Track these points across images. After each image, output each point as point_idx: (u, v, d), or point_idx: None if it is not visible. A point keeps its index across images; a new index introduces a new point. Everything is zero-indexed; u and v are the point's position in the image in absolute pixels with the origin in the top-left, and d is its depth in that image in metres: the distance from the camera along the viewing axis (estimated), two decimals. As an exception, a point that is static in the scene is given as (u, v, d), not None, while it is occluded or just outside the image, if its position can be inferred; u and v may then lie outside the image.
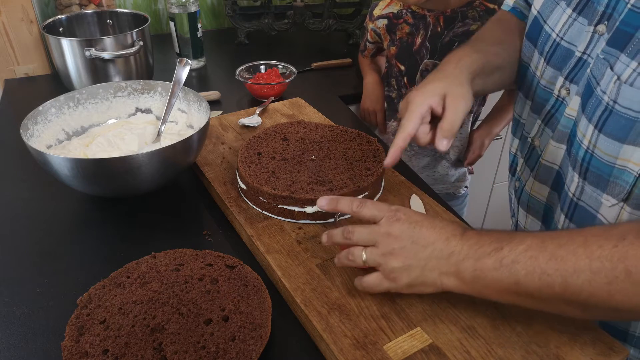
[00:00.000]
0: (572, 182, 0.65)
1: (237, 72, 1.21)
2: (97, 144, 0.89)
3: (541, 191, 0.75)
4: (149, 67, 1.25)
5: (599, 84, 0.58)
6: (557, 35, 0.66)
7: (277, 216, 0.78)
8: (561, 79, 0.66)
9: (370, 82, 1.29)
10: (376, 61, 1.34)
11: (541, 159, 0.72)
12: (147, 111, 0.98)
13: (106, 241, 0.78)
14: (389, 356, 0.57)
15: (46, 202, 0.86)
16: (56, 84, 1.26)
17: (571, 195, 0.66)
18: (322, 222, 0.77)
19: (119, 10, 1.32)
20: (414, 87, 1.17)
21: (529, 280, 0.50)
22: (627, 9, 0.56)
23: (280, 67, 1.26)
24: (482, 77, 0.72)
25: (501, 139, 1.62)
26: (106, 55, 1.12)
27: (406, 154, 1.25)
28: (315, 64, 1.43)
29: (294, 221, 0.77)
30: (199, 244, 0.77)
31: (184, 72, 0.93)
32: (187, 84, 0.94)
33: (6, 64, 1.29)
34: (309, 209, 0.76)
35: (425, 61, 1.15)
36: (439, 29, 1.12)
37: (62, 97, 0.90)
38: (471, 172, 1.33)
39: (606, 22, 0.60)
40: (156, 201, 0.86)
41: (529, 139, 0.75)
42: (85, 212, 0.85)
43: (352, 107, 1.29)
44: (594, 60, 0.60)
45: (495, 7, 1.12)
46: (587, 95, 0.60)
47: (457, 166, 1.29)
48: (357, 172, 0.81)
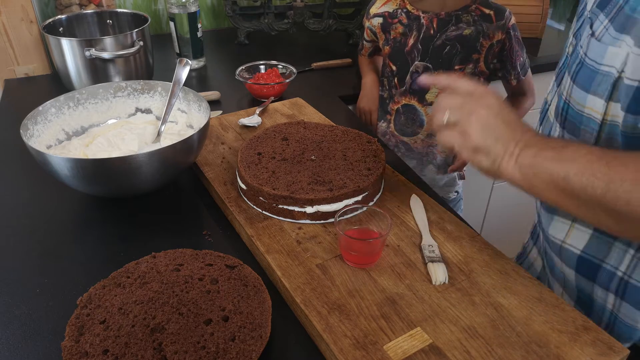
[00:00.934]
0: (555, 131, 0.70)
1: (237, 72, 1.21)
2: (97, 144, 0.89)
3: None
4: (149, 67, 1.25)
5: (580, 40, 0.64)
6: None
7: (277, 216, 0.78)
8: (572, 37, 0.72)
9: (368, 81, 1.29)
10: (374, 61, 1.34)
11: (548, 112, 0.76)
12: (147, 111, 0.98)
13: (106, 241, 0.78)
14: (389, 356, 0.57)
15: (46, 202, 0.86)
16: (56, 84, 1.26)
17: None
18: (322, 222, 0.77)
19: (119, 10, 1.32)
20: (401, 88, 1.18)
21: (577, 178, 0.53)
22: None
23: (280, 67, 1.26)
24: None
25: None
26: (106, 55, 1.12)
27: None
28: (315, 64, 1.44)
29: (294, 221, 0.77)
30: (199, 244, 0.77)
31: (184, 72, 0.93)
32: (187, 84, 0.94)
33: (6, 64, 1.29)
34: (309, 209, 0.76)
35: (415, 63, 1.14)
36: (432, 32, 1.12)
37: (62, 97, 0.90)
38: (462, 178, 1.32)
39: None
40: (156, 201, 0.86)
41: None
42: (85, 212, 0.85)
43: (352, 107, 1.29)
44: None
45: (491, 12, 1.11)
46: (574, 51, 0.66)
47: (445, 171, 1.28)
48: (357, 172, 0.81)
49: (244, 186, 0.81)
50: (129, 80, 0.98)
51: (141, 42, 1.17)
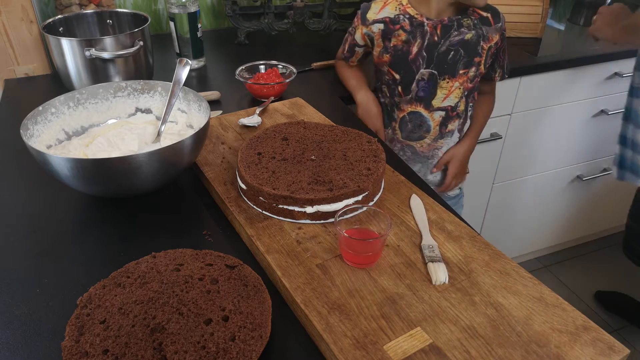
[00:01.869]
0: None
1: (237, 72, 1.21)
2: (97, 144, 0.89)
3: None
4: (149, 67, 1.25)
5: None
6: None
7: (277, 216, 0.78)
8: None
9: (364, 100, 1.23)
10: (362, 70, 1.29)
11: None
12: (147, 111, 0.98)
13: (106, 241, 0.78)
14: (389, 356, 0.57)
15: (46, 202, 0.86)
16: (56, 84, 1.26)
17: None
18: (322, 222, 0.77)
19: (119, 10, 1.32)
20: (407, 96, 1.17)
21: None
22: None
23: (280, 67, 1.26)
24: None
25: (501, 138, 1.62)
26: (106, 55, 1.12)
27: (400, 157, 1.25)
28: (315, 64, 1.43)
29: (294, 221, 0.77)
30: (199, 244, 0.77)
31: (184, 72, 0.93)
32: (187, 84, 0.94)
33: (6, 64, 1.29)
34: (309, 209, 0.76)
35: (421, 70, 1.14)
36: (436, 38, 1.11)
37: (62, 97, 0.90)
38: (467, 172, 1.33)
39: None
40: (156, 201, 0.86)
41: None
42: (85, 212, 0.85)
43: (352, 107, 1.29)
44: None
45: (488, 15, 1.12)
46: None
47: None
48: (357, 172, 0.81)
49: (244, 186, 0.81)
50: (129, 80, 0.98)
51: (141, 42, 1.17)
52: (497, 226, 1.86)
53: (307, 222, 0.77)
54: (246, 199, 0.81)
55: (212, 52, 1.53)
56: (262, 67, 1.26)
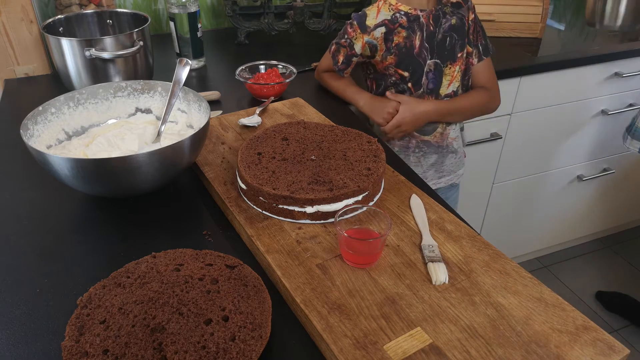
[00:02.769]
0: None
1: (237, 72, 1.21)
2: (97, 144, 0.89)
3: None
4: (149, 67, 1.25)
5: None
6: None
7: (277, 216, 0.78)
8: None
9: (367, 100, 1.20)
10: (352, 80, 1.27)
11: None
12: (147, 111, 0.98)
13: (106, 241, 0.78)
14: (389, 356, 0.57)
15: (46, 202, 0.86)
16: (56, 84, 1.26)
17: None
18: (322, 222, 0.77)
19: (119, 10, 1.32)
20: (418, 91, 1.17)
21: None
22: None
23: (280, 67, 1.26)
24: None
25: (501, 138, 1.62)
26: (106, 55, 1.12)
27: (415, 155, 1.25)
28: (315, 64, 1.43)
29: (294, 221, 0.77)
30: (199, 244, 0.77)
31: (184, 72, 0.93)
32: (187, 84, 0.94)
33: (6, 64, 1.29)
34: (309, 209, 0.76)
35: (428, 62, 1.15)
36: (432, 28, 1.14)
37: (62, 97, 0.90)
38: (464, 156, 1.35)
39: None
40: (156, 201, 0.86)
41: None
42: (85, 212, 0.85)
43: (352, 107, 1.29)
44: None
45: (459, 0, 1.15)
46: None
47: (458, 153, 1.30)
48: (357, 172, 0.81)
49: (244, 186, 0.81)
50: (129, 80, 0.98)
51: (141, 42, 1.17)
52: (497, 226, 1.86)
53: (307, 222, 0.77)
54: (246, 199, 0.81)
55: (212, 52, 1.53)
56: (262, 67, 1.26)
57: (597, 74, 1.63)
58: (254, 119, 1.05)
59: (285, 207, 0.77)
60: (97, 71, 1.15)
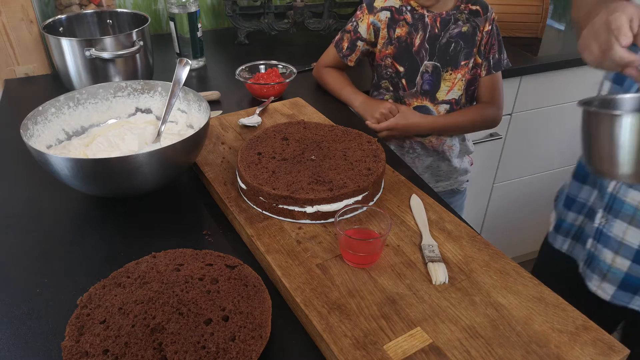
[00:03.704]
0: None
1: (237, 72, 1.21)
2: (97, 144, 0.89)
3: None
4: (149, 67, 1.25)
5: None
6: None
7: (277, 216, 0.78)
8: None
9: (363, 100, 1.20)
10: (349, 80, 1.25)
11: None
12: (147, 111, 0.98)
13: (106, 241, 0.78)
14: (389, 356, 0.57)
15: (46, 201, 0.86)
16: (56, 84, 1.26)
17: None
18: (322, 222, 0.77)
19: (119, 10, 1.32)
20: (411, 90, 1.16)
21: None
22: None
23: (280, 67, 1.26)
24: None
25: (501, 138, 1.62)
26: (106, 55, 1.12)
27: (409, 155, 1.25)
28: (315, 64, 1.43)
29: (294, 221, 0.77)
30: (199, 244, 0.77)
31: (184, 72, 0.93)
32: (187, 84, 0.94)
33: (6, 64, 1.29)
34: (309, 209, 0.76)
35: (425, 62, 1.15)
36: (437, 30, 1.13)
37: (62, 97, 0.90)
38: (471, 163, 1.33)
39: None
40: (156, 201, 0.86)
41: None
42: (85, 212, 0.85)
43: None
44: None
45: (477, 7, 1.14)
46: None
47: (460, 158, 1.28)
48: (357, 172, 0.81)
49: (244, 186, 0.81)
50: (129, 80, 0.98)
51: (141, 42, 1.17)
52: (497, 226, 1.86)
53: (307, 222, 0.77)
54: (246, 199, 0.81)
55: (212, 52, 1.53)
56: (262, 67, 1.26)
57: (597, 74, 1.63)
58: (254, 119, 1.05)
59: (285, 207, 0.77)
60: (97, 71, 1.15)
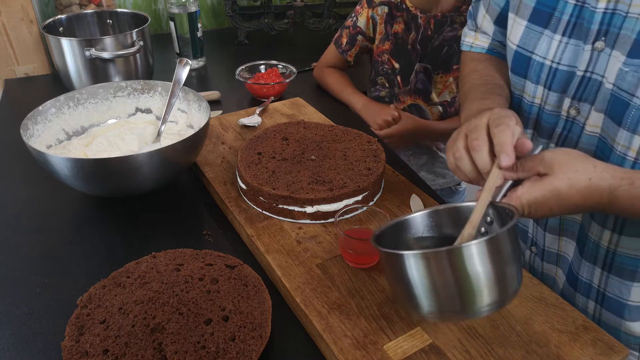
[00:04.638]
0: None
1: (237, 72, 1.21)
2: (97, 144, 0.89)
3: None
4: (149, 67, 1.25)
5: (634, 95, 0.58)
6: (552, 61, 0.68)
7: (277, 216, 0.78)
8: (568, 100, 0.67)
9: (365, 103, 1.18)
10: (350, 81, 1.24)
11: None
12: (147, 111, 0.98)
13: (106, 241, 0.78)
14: (389, 356, 0.57)
15: (46, 202, 0.86)
16: (56, 84, 1.25)
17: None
18: (322, 222, 0.77)
19: (119, 10, 1.32)
20: (405, 87, 1.15)
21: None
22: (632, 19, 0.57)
23: (280, 67, 1.26)
24: None
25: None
26: (106, 55, 1.12)
27: (404, 154, 1.25)
28: (315, 64, 1.43)
29: (294, 221, 0.77)
30: (199, 244, 0.77)
31: (184, 72, 0.93)
32: (187, 84, 0.94)
33: (6, 64, 1.29)
34: (309, 209, 0.76)
35: (417, 64, 1.15)
36: (430, 32, 1.12)
37: (62, 97, 0.90)
38: None
39: (604, 38, 0.61)
40: (156, 201, 0.86)
41: None
42: (85, 212, 0.85)
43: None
44: (615, 74, 0.60)
45: None
46: (620, 109, 0.60)
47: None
48: (357, 172, 0.81)
49: (244, 186, 0.81)
50: (129, 80, 0.98)
51: (141, 42, 1.17)
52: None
53: (307, 222, 0.77)
54: (246, 199, 0.81)
55: (212, 52, 1.52)
56: (262, 67, 1.26)
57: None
58: (254, 119, 1.05)
59: (285, 207, 0.77)
60: (97, 71, 1.15)
